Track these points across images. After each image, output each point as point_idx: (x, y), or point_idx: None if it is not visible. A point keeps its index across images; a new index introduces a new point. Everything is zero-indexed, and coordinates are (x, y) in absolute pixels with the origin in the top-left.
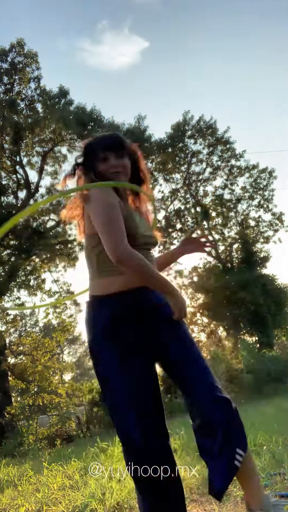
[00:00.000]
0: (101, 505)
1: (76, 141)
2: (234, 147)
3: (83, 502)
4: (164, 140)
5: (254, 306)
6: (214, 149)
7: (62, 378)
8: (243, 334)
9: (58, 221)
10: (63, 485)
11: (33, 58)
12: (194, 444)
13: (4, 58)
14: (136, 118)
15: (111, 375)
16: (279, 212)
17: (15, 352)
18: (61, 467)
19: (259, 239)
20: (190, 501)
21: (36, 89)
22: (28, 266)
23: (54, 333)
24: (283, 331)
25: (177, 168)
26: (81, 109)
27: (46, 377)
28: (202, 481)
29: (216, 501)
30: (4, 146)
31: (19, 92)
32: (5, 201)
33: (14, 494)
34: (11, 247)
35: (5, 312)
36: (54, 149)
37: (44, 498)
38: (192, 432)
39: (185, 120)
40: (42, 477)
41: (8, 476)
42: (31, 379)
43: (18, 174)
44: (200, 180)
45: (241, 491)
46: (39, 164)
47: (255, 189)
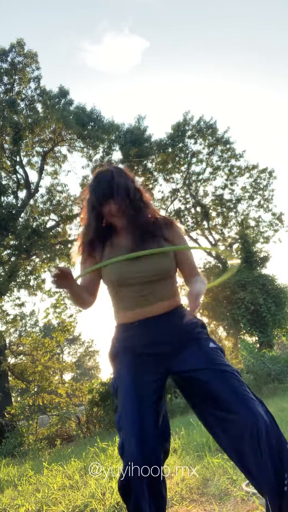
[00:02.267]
0: (101, 505)
1: (76, 141)
2: (234, 147)
3: (83, 502)
4: (164, 140)
5: (254, 306)
6: (214, 149)
7: (62, 378)
8: (243, 334)
9: (58, 221)
10: (63, 485)
11: (33, 58)
12: (194, 444)
13: (4, 58)
14: (136, 118)
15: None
16: (279, 212)
17: (15, 352)
18: (61, 467)
19: (259, 239)
20: (190, 501)
21: (36, 89)
22: (28, 266)
23: (54, 333)
24: (283, 331)
25: (177, 168)
26: (81, 109)
27: (46, 377)
28: (202, 481)
29: (216, 501)
30: (4, 146)
31: (19, 92)
32: (5, 201)
33: (14, 494)
34: (11, 247)
35: (5, 312)
36: (54, 149)
37: (44, 498)
38: (192, 432)
39: (185, 120)
40: (42, 477)
41: (8, 476)
42: (31, 379)
43: (18, 174)
44: (200, 180)
45: (241, 491)
46: (39, 164)
47: (255, 189)
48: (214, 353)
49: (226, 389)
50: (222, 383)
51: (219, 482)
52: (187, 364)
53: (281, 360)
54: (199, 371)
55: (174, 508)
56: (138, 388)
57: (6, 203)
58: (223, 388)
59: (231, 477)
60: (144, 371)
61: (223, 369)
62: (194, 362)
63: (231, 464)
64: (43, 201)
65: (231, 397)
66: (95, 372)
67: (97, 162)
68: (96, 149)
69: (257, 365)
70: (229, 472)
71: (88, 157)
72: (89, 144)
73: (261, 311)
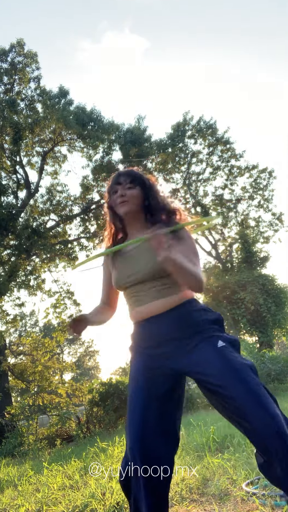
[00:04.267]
0: (101, 505)
1: (76, 141)
2: (234, 147)
3: (83, 502)
4: (164, 140)
5: (254, 306)
6: (214, 149)
7: (62, 378)
8: (243, 334)
9: (58, 221)
10: (63, 485)
11: (33, 58)
12: (194, 444)
13: (4, 58)
14: (136, 118)
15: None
16: (279, 212)
17: (15, 352)
18: (61, 467)
19: (259, 239)
20: (190, 501)
21: (36, 89)
22: (28, 266)
23: (54, 333)
24: (283, 331)
25: (177, 168)
26: (81, 109)
27: (46, 377)
28: (202, 481)
29: (216, 501)
30: (4, 146)
31: (19, 92)
32: (5, 201)
33: (14, 494)
34: (11, 247)
35: (5, 312)
36: (54, 149)
37: (44, 498)
38: (192, 432)
39: (185, 120)
40: (42, 477)
41: (8, 476)
42: (31, 379)
43: (18, 174)
44: (200, 180)
45: (241, 491)
46: (39, 164)
47: (255, 189)
48: (226, 356)
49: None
50: (240, 394)
51: (219, 482)
52: (201, 369)
53: (281, 360)
54: (214, 383)
55: (174, 508)
56: (145, 389)
57: (6, 203)
58: (243, 400)
59: (231, 477)
60: (154, 372)
61: (239, 377)
62: (209, 370)
63: (231, 464)
64: (43, 201)
65: (249, 404)
66: (95, 372)
67: (97, 162)
68: (96, 149)
69: (257, 365)
70: (229, 472)
71: (88, 157)
72: (89, 144)
73: (261, 311)
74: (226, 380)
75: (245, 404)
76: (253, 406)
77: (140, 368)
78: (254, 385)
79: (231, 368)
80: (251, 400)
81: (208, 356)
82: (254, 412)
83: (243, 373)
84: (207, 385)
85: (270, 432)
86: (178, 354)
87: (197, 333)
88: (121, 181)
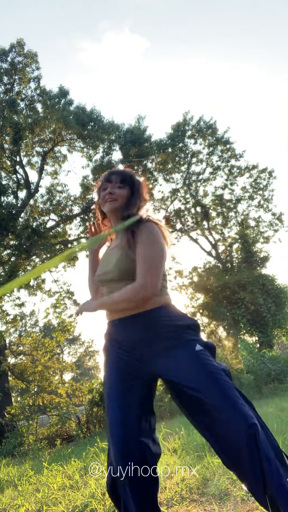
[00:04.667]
0: (101, 505)
1: (76, 141)
2: (234, 147)
3: (83, 502)
4: (164, 140)
5: (254, 306)
6: (214, 149)
7: (62, 378)
8: (243, 334)
9: (58, 221)
10: (63, 485)
11: (33, 58)
12: (194, 444)
13: (4, 58)
14: (136, 118)
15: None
16: (279, 212)
17: (15, 352)
18: (61, 467)
19: (259, 239)
20: (190, 501)
21: (36, 89)
22: (28, 266)
23: (54, 333)
24: (283, 331)
25: (177, 168)
26: (81, 109)
27: (46, 377)
28: (202, 481)
29: (216, 501)
30: (4, 146)
31: (19, 92)
32: (5, 201)
33: (14, 494)
34: (11, 247)
35: (5, 312)
36: (54, 149)
37: (44, 498)
38: (192, 432)
39: (185, 120)
40: (42, 477)
41: (8, 476)
42: (31, 379)
43: (18, 174)
44: (200, 180)
45: (241, 491)
46: (39, 164)
47: (255, 189)
48: (202, 359)
49: (219, 399)
50: (213, 396)
51: (219, 482)
52: (175, 373)
53: (281, 360)
54: (189, 386)
55: (174, 508)
56: (121, 390)
57: (6, 203)
58: (216, 402)
59: (231, 477)
60: (128, 372)
61: (212, 380)
62: (182, 373)
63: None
64: (43, 201)
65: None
66: (95, 372)
67: (97, 162)
68: (96, 149)
69: (257, 365)
70: (229, 472)
71: (88, 157)
72: (89, 144)
73: (261, 311)
74: (200, 383)
75: (218, 405)
76: (226, 407)
77: (113, 368)
78: (227, 388)
79: (206, 371)
80: (224, 402)
81: (183, 360)
82: (227, 414)
83: (216, 375)
84: (183, 388)
85: (242, 436)
86: (151, 356)
87: (176, 339)
88: (112, 179)
